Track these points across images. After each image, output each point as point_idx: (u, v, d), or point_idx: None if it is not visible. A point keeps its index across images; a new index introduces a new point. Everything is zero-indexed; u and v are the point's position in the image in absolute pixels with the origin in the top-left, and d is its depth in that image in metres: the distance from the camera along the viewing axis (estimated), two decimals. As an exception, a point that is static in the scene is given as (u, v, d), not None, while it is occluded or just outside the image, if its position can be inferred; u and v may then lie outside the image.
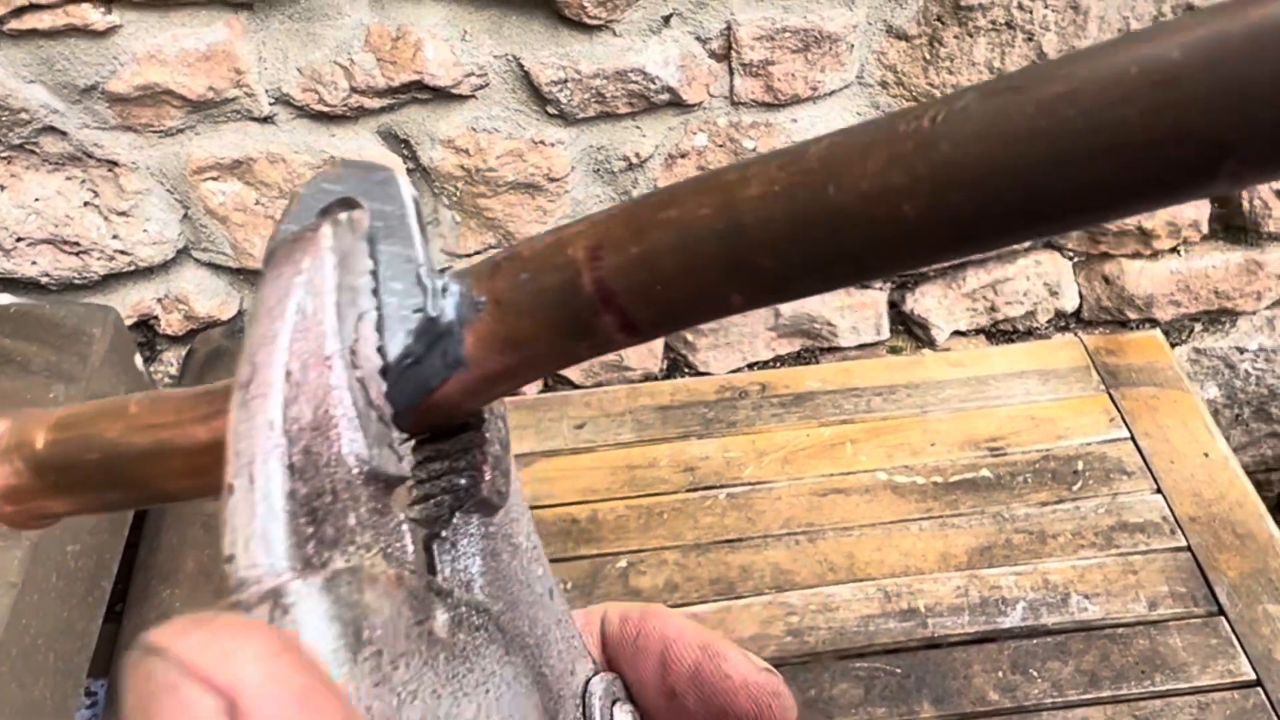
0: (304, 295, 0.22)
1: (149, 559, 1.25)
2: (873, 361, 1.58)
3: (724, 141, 1.37)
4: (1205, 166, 0.17)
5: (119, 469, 0.28)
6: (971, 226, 0.19)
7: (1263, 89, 0.16)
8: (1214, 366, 1.70)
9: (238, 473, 0.20)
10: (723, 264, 0.21)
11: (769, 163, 0.21)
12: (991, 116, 0.18)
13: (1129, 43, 0.18)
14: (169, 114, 1.28)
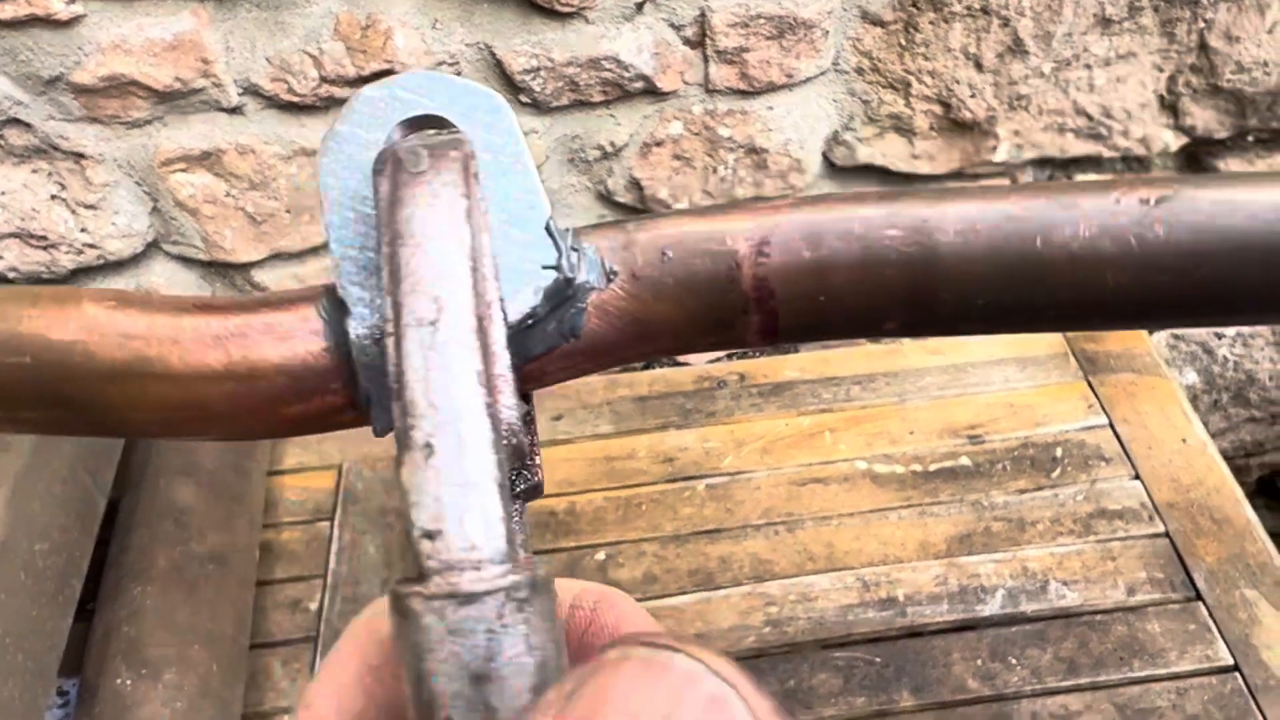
0: (469, 229, 0.20)
1: (120, 556, 1.23)
2: (851, 350, 1.58)
3: (699, 130, 1.36)
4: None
5: (60, 384, 0.21)
6: (1168, 306, 0.20)
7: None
8: (1192, 352, 1.70)
9: (438, 430, 0.17)
10: (901, 290, 0.21)
11: (967, 199, 0.21)
12: (1210, 212, 0.19)
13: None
14: (136, 105, 1.26)
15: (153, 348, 0.21)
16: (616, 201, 1.43)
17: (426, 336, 0.18)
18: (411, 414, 0.18)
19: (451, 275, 0.19)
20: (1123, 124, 1.42)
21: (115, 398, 0.21)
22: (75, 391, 0.21)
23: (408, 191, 0.20)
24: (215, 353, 0.21)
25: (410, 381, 0.18)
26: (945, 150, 1.43)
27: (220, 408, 0.21)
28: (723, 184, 1.42)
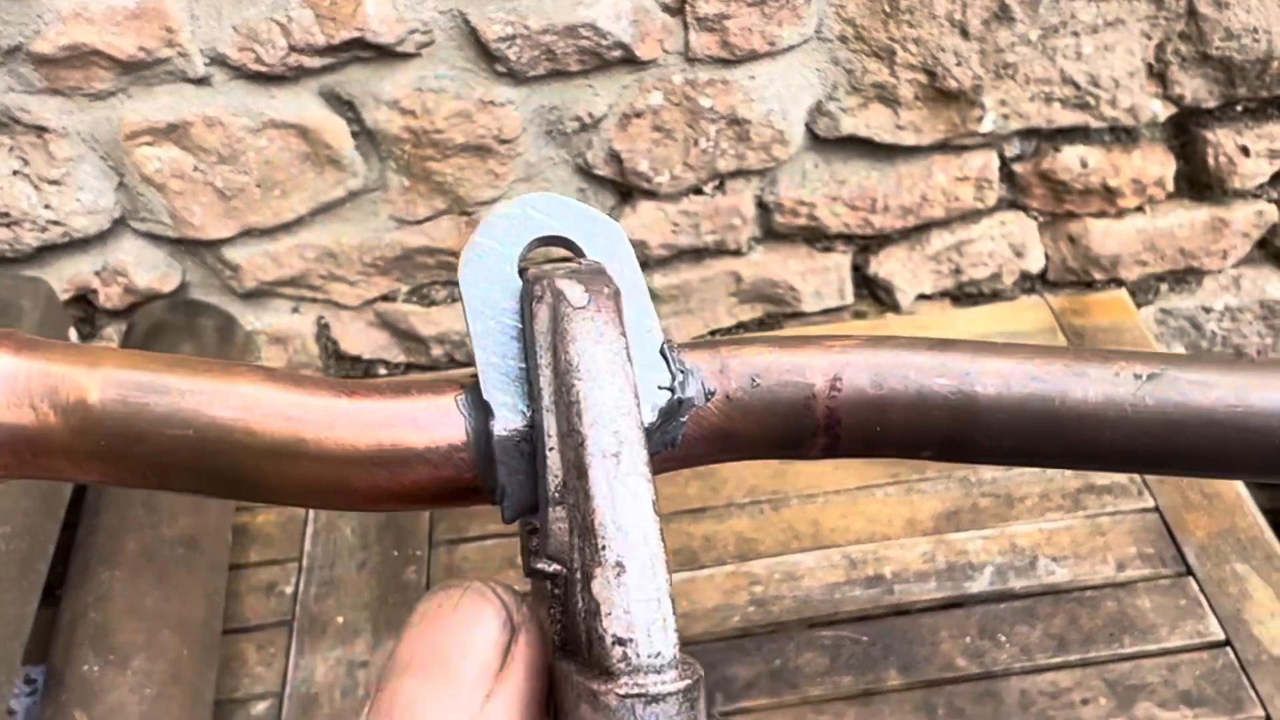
0: (630, 364, 0.23)
1: (88, 540, 1.20)
2: (836, 327, 1.55)
3: (680, 100, 1.33)
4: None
5: (217, 457, 0.23)
6: (1151, 462, 0.26)
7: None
8: (1180, 327, 1.68)
9: (627, 552, 0.21)
10: (943, 428, 0.26)
11: (1003, 357, 0.26)
12: (1186, 391, 0.25)
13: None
14: (98, 76, 1.22)
15: (309, 430, 0.24)
16: (595, 175, 1.40)
17: (611, 468, 0.21)
18: (602, 536, 0.21)
19: (627, 411, 0.22)
20: (1110, 93, 1.40)
21: (268, 473, 0.24)
22: (230, 465, 0.23)
23: (574, 326, 0.23)
24: (366, 439, 0.24)
25: (599, 508, 0.21)
26: (930, 121, 1.40)
27: (362, 487, 0.24)
28: (704, 156, 1.39)
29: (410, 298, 1.51)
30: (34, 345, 0.23)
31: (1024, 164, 1.49)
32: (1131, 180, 1.49)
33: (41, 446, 0.23)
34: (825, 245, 1.53)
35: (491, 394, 0.24)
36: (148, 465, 0.23)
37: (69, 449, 0.23)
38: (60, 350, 0.23)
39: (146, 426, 0.23)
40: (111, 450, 0.23)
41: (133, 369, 0.23)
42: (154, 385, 0.23)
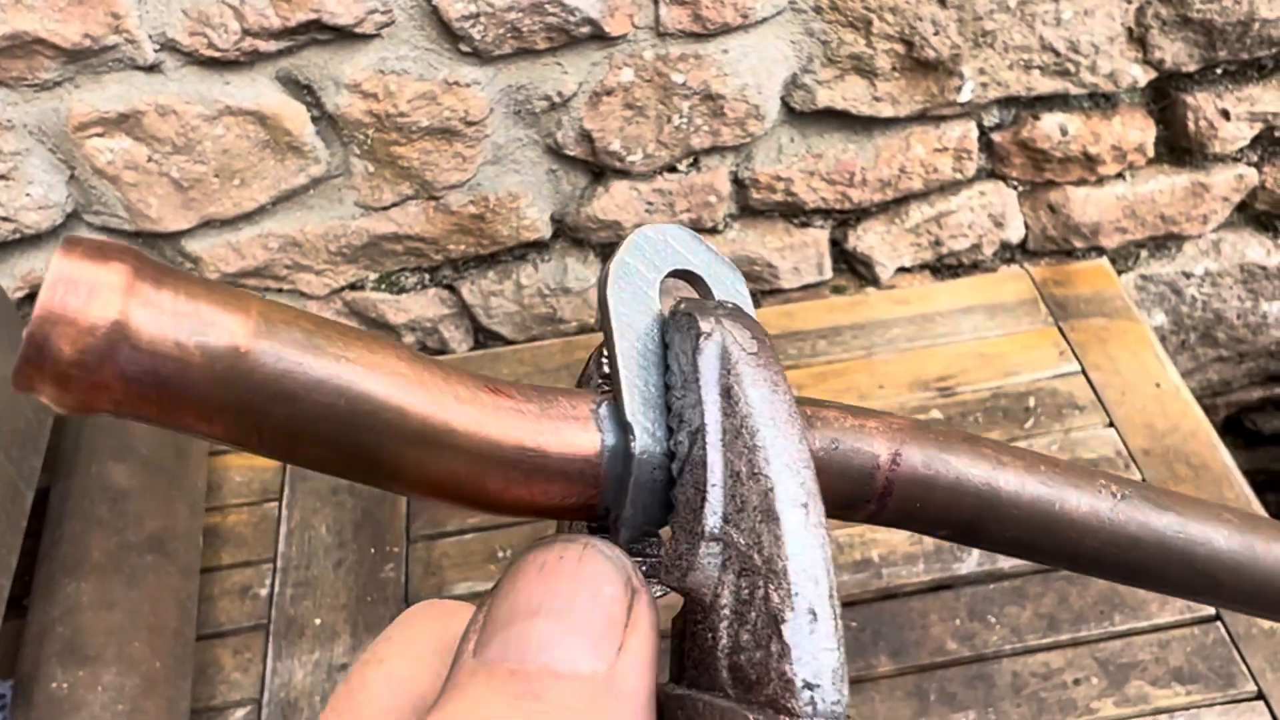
0: (799, 414, 0.24)
1: (52, 550, 1.16)
2: (816, 303, 1.53)
3: (652, 76, 1.29)
4: None
5: (363, 434, 0.22)
6: (1116, 569, 0.30)
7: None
8: (1160, 293, 1.67)
9: (817, 601, 0.21)
10: (969, 514, 0.29)
11: (1021, 459, 0.29)
12: (1148, 514, 0.30)
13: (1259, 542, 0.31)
14: (43, 65, 1.17)
15: (460, 421, 0.22)
16: (566, 155, 1.36)
17: (802, 517, 0.22)
18: (795, 583, 0.21)
19: (808, 463, 0.23)
20: (1090, 59, 1.37)
21: (408, 459, 0.22)
22: (372, 444, 0.22)
23: (752, 371, 0.24)
24: (511, 438, 0.23)
25: (793, 554, 0.22)
26: (908, 91, 1.37)
27: (495, 487, 0.23)
28: (678, 133, 1.35)
29: (379, 285, 1.47)
30: (179, 278, 0.20)
31: (1003, 133, 1.46)
32: (1111, 147, 1.47)
33: (174, 390, 0.20)
34: (803, 221, 1.50)
35: (634, 415, 0.24)
36: (284, 430, 0.21)
37: (204, 398, 0.20)
38: (205, 287, 0.21)
39: (297, 387, 0.21)
40: (251, 406, 0.21)
41: (285, 322, 0.21)
42: (310, 344, 0.21)
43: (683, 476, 0.24)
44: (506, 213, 1.39)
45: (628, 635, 0.22)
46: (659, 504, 0.25)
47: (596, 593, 0.22)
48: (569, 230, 1.45)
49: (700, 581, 0.23)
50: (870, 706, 1.11)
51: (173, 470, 1.25)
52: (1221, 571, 0.30)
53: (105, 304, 0.19)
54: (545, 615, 0.22)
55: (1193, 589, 0.30)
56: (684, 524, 0.24)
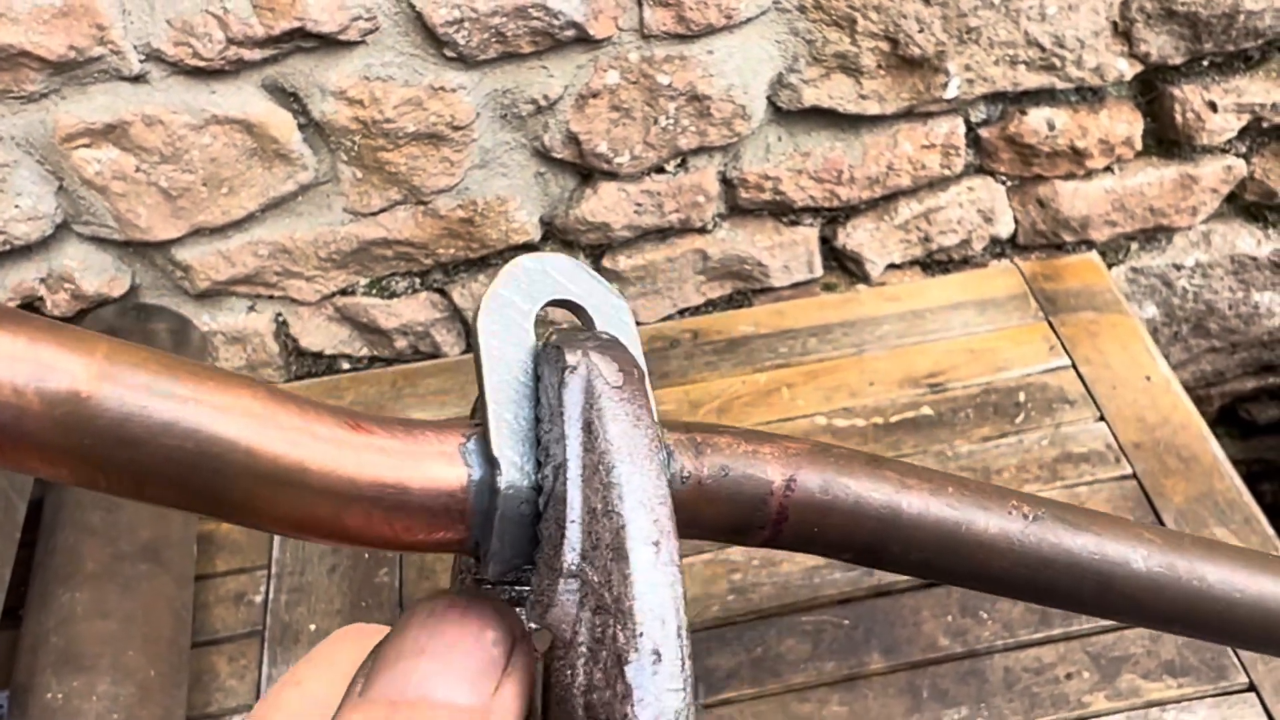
0: (661, 449, 0.24)
1: (46, 560, 1.16)
2: (806, 301, 1.53)
3: (637, 78, 1.29)
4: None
5: (211, 476, 0.21)
6: (1026, 590, 0.30)
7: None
8: (1151, 285, 1.67)
9: (664, 642, 0.22)
10: (867, 536, 0.28)
11: (927, 481, 0.29)
12: (1060, 536, 0.29)
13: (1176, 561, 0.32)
14: (28, 78, 1.17)
15: (314, 460, 0.22)
16: (554, 158, 1.36)
17: (652, 556, 0.22)
18: (641, 624, 0.21)
19: (664, 500, 0.23)
20: (1076, 53, 1.37)
21: (260, 498, 0.21)
22: (222, 485, 0.21)
23: (613, 406, 0.24)
24: (369, 475, 0.22)
25: (640, 595, 0.22)
26: (894, 89, 1.37)
27: (355, 524, 0.23)
28: (665, 134, 1.35)
29: (370, 290, 1.47)
30: (20, 319, 0.20)
31: (990, 129, 1.46)
32: (1099, 141, 1.47)
33: (12, 436, 0.19)
34: (792, 219, 1.50)
35: (501, 450, 0.24)
36: (130, 472, 0.20)
37: (45, 444, 0.20)
38: (48, 329, 0.20)
39: (142, 432, 0.20)
40: (94, 451, 0.20)
41: (133, 364, 0.20)
42: (156, 387, 0.20)
43: (547, 511, 0.24)
44: (495, 216, 1.39)
45: (504, 678, 0.23)
46: (527, 538, 0.24)
47: (479, 636, 0.23)
48: (558, 233, 1.45)
49: (559, 618, 0.23)
50: (863, 704, 1.11)
51: (166, 479, 1.25)
52: (1141, 592, 0.30)
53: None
54: (428, 655, 0.22)
55: (1113, 609, 0.30)
56: (546, 559, 0.24)
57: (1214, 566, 0.31)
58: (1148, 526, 0.31)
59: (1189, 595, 0.31)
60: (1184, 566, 0.31)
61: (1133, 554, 0.30)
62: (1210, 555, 0.31)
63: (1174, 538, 0.31)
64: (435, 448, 0.24)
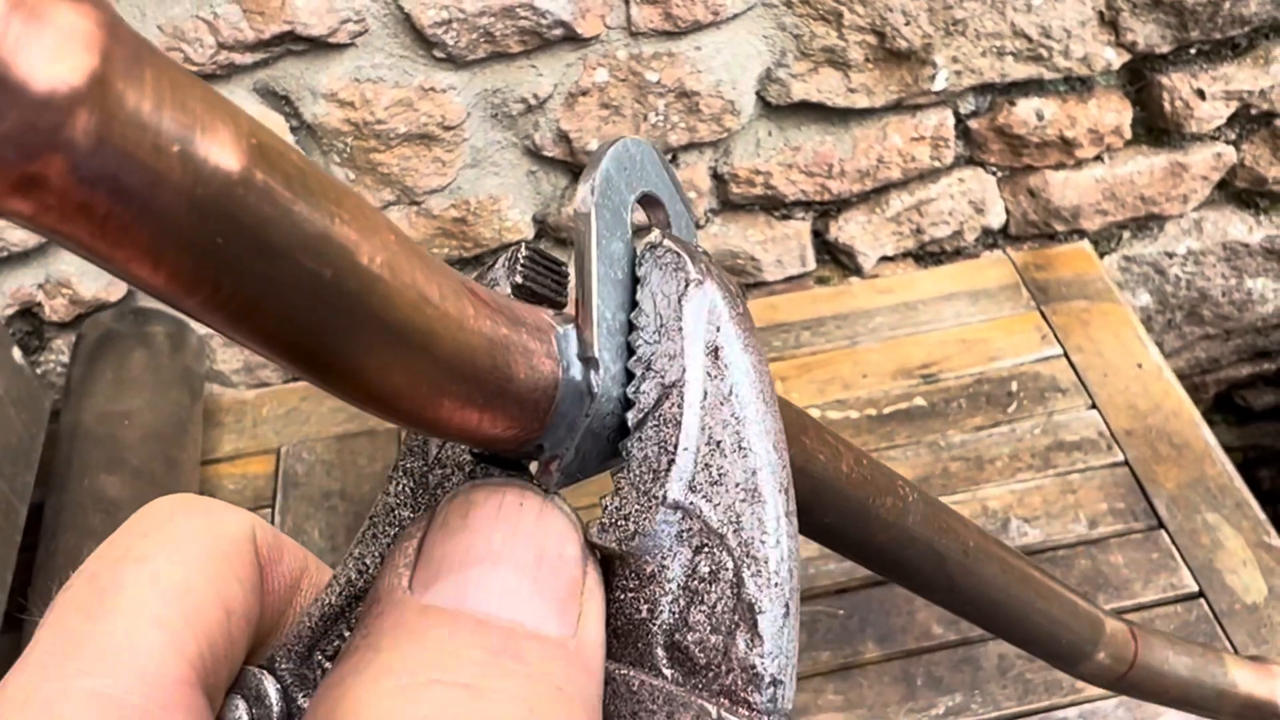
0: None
1: (47, 562, 1.17)
2: (799, 294, 1.54)
3: (626, 75, 1.30)
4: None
5: (336, 316, 0.17)
6: (898, 560, 0.34)
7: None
8: (1144, 273, 1.67)
9: (793, 597, 0.21)
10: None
11: (844, 454, 0.31)
12: (929, 516, 0.34)
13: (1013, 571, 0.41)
14: (22, 85, 1.18)
15: (442, 328, 0.18)
16: (545, 156, 1.37)
17: (785, 504, 0.21)
18: (777, 573, 0.20)
19: (780, 436, 0.22)
20: (1063, 43, 1.38)
21: (374, 359, 0.18)
22: (342, 331, 0.17)
23: (742, 336, 0.22)
24: (484, 356, 0.19)
25: (778, 542, 0.21)
26: (882, 82, 1.38)
27: (449, 406, 0.19)
28: (654, 131, 1.36)
29: (365, 291, 1.48)
30: (157, 53, 0.14)
31: (979, 120, 1.47)
32: (1088, 130, 1.47)
33: (132, 209, 0.14)
34: (784, 213, 1.51)
35: (601, 354, 0.22)
36: (248, 293, 0.16)
37: (167, 229, 0.14)
38: (189, 78, 0.15)
39: (283, 240, 0.16)
40: (221, 253, 0.15)
41: (280, 153, 0.16)
42: (306, 187, 0.16)
43: (643, 430, 0.22)
44: (488, 215, 1.40)
45: (585, 602, 0.20)
46: (600, 453, 0.22)
47: (561, 552, 0.20)
48: (551, 231, 1.46)
49: (648, 548, 0.21)
50: (858, 693, 1.12)
51: (164, 481, 1.27)
52: (959, 576, 0.34)
53: (72, 59, 0.13)
54: (509, 565, 0.19)
55: (929, 586, 0.35)
56: (637, 483, 0.22)
57: (999, 567, 0.37)
58: (976, 529, 0.37)
59: (988, 594, 0.36)
60: (989, 569, 0.36)
61: (958, 545, 0.34)
62: (1001, 560, 0.37)
63: (988, 540, 0.36)
64: (540, 341, 0.21)
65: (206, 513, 0.21)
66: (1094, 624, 0.51)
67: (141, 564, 0.20)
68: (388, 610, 0.19)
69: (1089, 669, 0.53)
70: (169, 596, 0.19)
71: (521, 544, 0.20)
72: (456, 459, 0.24)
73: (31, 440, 1.22)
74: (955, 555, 0.34)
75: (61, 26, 0.13)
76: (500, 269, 0.24)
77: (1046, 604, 0.44)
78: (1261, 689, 0.64)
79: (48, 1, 0.12)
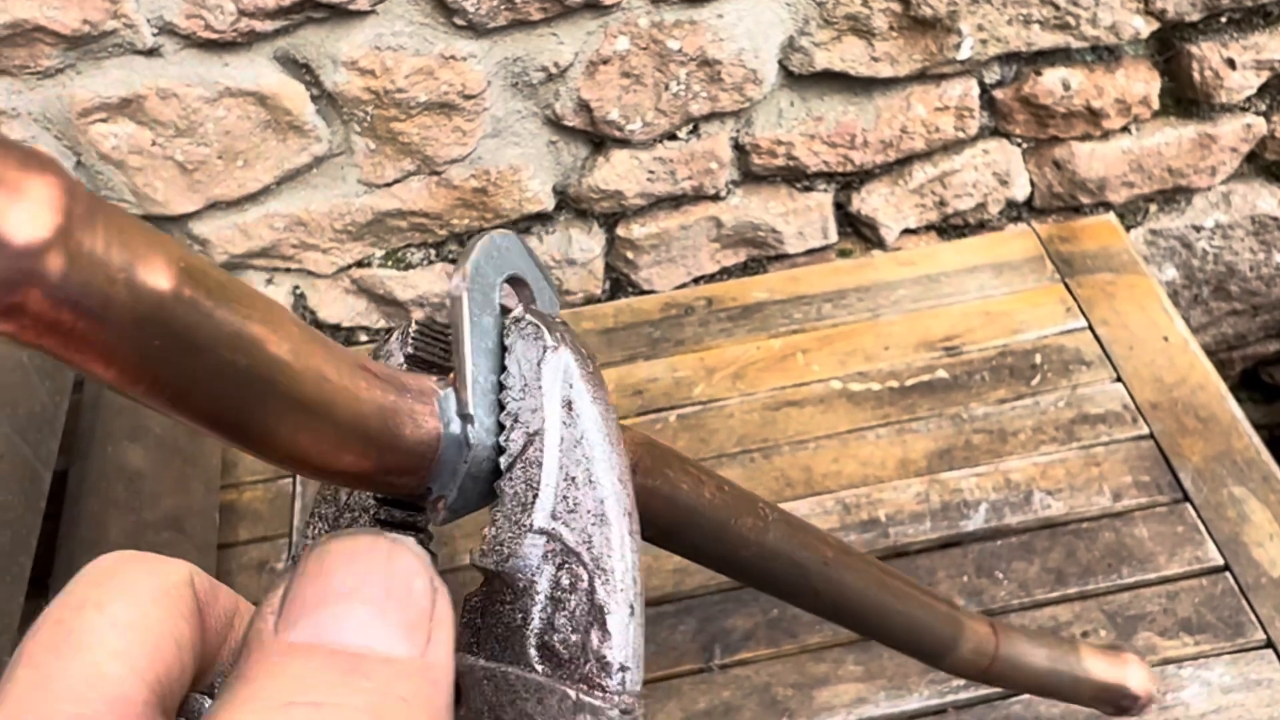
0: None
1: (71, 529, 1.18)
2: (821, 267, 1.53)
3: (647, 44, 1.29)
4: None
5: (255, 397, 0.21)
6: (763, 572, 0.39)
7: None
8: (1171, 247, 1.65)
9: (636, 599, 0.24)
10: (665, 527, 0.37)
11: (707, 483, 0.37)
12: (788, 533, 0.40)
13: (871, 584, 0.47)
14: (44, 53, 1.18)
15: (339, 398, 0.23)
16: (566, 126, 1.36)
17: (629, 525, 0.25)
18: (621, 582, 0.24)
19: (614, 465, 0.25)
20: (1090, 11, 1.36)
21: (285, 426, 0.22)
22: (257, 406, 0.21)
23: (590, 389, 0.26)
24: (378, 423, 0.24)
25: (622, 555, 0.24)
26: (906, 50, 1.36)
27: (349, 461, 0.24)
28: (676, 100, 1.35)
29: (385, 262, 1.48)
30: (104, 203, 0.19)
31: (1004, 90, 1.45)
32: (1116, 100, 1.45)
33: (89, 326, 0.18)
34: (806, 185, 1.50)
35: (475, 408, 0.26)
36: (181, 382, 0.20)
37: (117, 339, 0.19)
38: (132, 220, 0.19)
39: (208, 340, 0.20)
40: (158, 353, 0.19)
41: (204, 271, 0.20)
42: (225, 296, 0.20)
43: (513, 471, 0.26)
44: (508, 185, 1.40)
45: (433, 628, 0.23)
46: (480, 492, 0.27)
47: (408, 585, 0.23)
48: (571, 201, 1.46)
49: (519, 568, 0.25)
50: (879, 664, 1.11)
51: (187, 449, 1.27)
52: (820, 585, 0.39)
53: (43, 219, 0.17)
54: (361, 601, 0.22)
55: (795, 594, 0.39)
56: (509, 515, 0.26)
57: (857, 575, 0.41)
58: (828, 538, 0.41)
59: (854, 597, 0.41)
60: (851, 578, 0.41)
61: (816, 556, 0.39)
62: (859, 569, 0.41)
63: (847, 552, 0.41)
64: (421, 397, 0.25)
65: (150, 563, 0.25)
66: (954, 623, 0.56)
67: (100, 608, 0.23)
68: (254, 650, 0.21)
69: (953, 663, 0.58)
70: (127, 634, 0.23)
71: (371, 581, 0.22)
72: (363, 503, 0.28)
73: (56, 408, 1.23)
74: (816, 566, 0.38)
75: (33, 196, 0.17)
76: (394, 342, 0.29)
77: (906, 606, 0.48)
78: (1113, 675, 0.70)
79: (21, 177, 0.17)
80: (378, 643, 0.22)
